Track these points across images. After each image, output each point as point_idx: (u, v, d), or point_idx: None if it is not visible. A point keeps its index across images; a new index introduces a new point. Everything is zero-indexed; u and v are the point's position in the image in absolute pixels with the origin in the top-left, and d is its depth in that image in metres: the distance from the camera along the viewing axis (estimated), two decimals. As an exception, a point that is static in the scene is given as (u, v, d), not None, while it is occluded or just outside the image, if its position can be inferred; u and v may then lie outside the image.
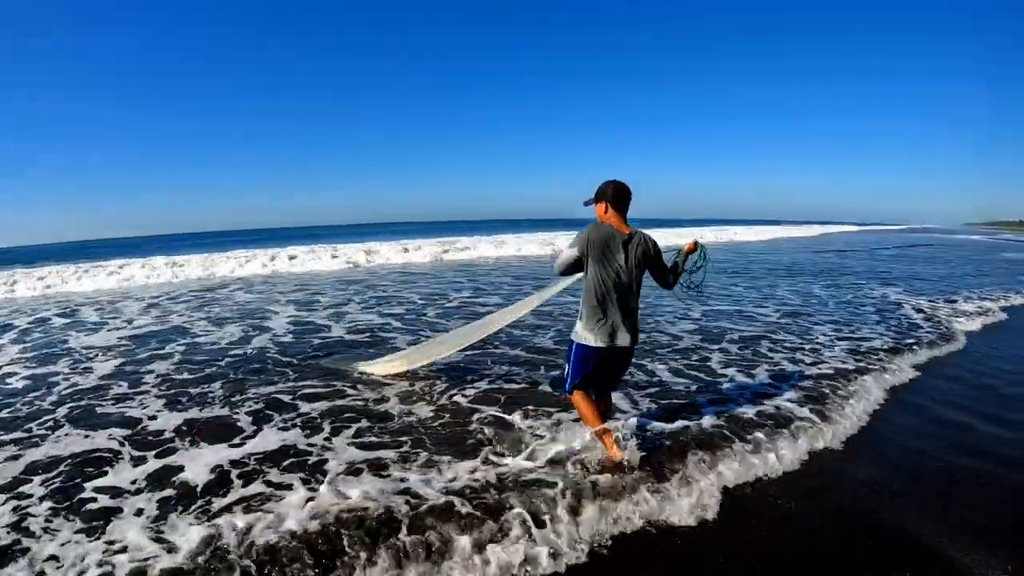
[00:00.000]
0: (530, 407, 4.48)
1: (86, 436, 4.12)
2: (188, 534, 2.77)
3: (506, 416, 4.33)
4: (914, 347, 6.61)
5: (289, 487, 3.26)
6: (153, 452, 3.84)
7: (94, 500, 3.20)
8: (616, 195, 3.27)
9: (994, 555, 2.72)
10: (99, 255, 26.62)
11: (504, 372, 5.54)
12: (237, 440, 4.00)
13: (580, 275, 3.45)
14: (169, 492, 3.27)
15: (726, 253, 22.28)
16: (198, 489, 3.30)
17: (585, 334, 3.30)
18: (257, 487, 3.29)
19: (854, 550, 2.78)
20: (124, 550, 2.70)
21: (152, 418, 4.46)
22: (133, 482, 3.40)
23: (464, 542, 2.68)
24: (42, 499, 3.20)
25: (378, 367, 5.43)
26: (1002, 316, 9.08)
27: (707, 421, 4.15)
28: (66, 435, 4.15)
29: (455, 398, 4.77)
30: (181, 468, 3.58)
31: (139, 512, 3.04)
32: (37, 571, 2.58)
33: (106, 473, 3.54)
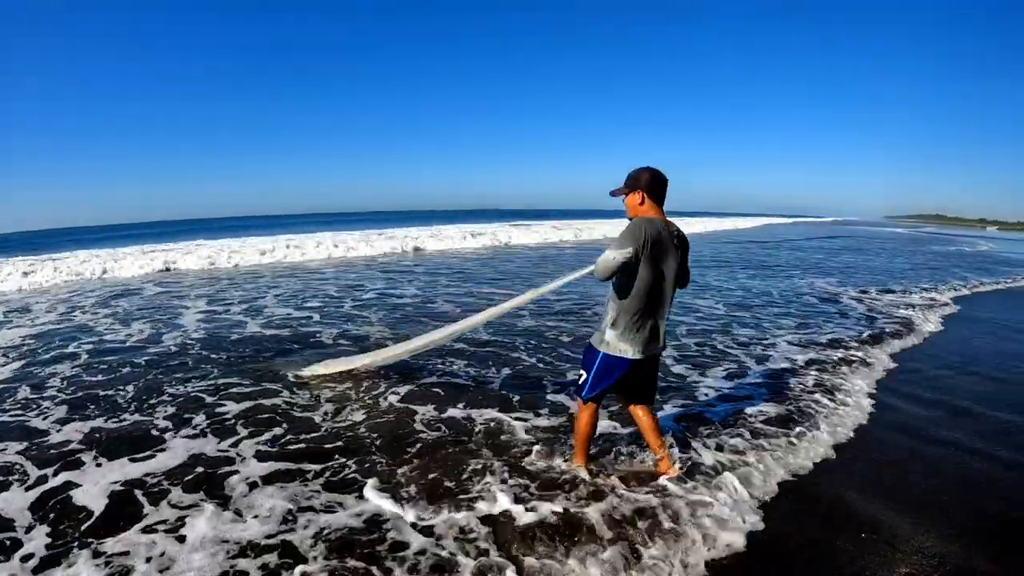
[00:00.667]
0: (474, 411, 4.30)
1: (-22, 452, 3.67)
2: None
3: (454, 418, 4.15)
4: (881, 340, 6.66)
5: (195, 508, 2.99)
6: (52, 469, 3.45)
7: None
8: (653, 183, 2.86)
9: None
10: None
11: (449, 369, 5.35)
12: (147, 452, 3.66)
13: (577, 274, 3.20)
14: (64, 524, 2.91)
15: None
16: (95, 517, 2.96)
17: (620, 345, 2.90)
18: (161, 512, 2.98)
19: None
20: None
21: (57, 428, 4.04)
22: (22, 511, 3.01)
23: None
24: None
25: (326, 367, 5.12)
26: (955, 308, 9.38)
27: (681, 428, 4.00)
28: (-45, 451, 3.69)
29: (392, 399, 4.54)
30: (81, 490, 3.21)
31: (27, 557, 2.64)
32: None
33: (-3, 495, 3.15)
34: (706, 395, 4.70)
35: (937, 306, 9.27)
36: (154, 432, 3.95)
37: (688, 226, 39.33)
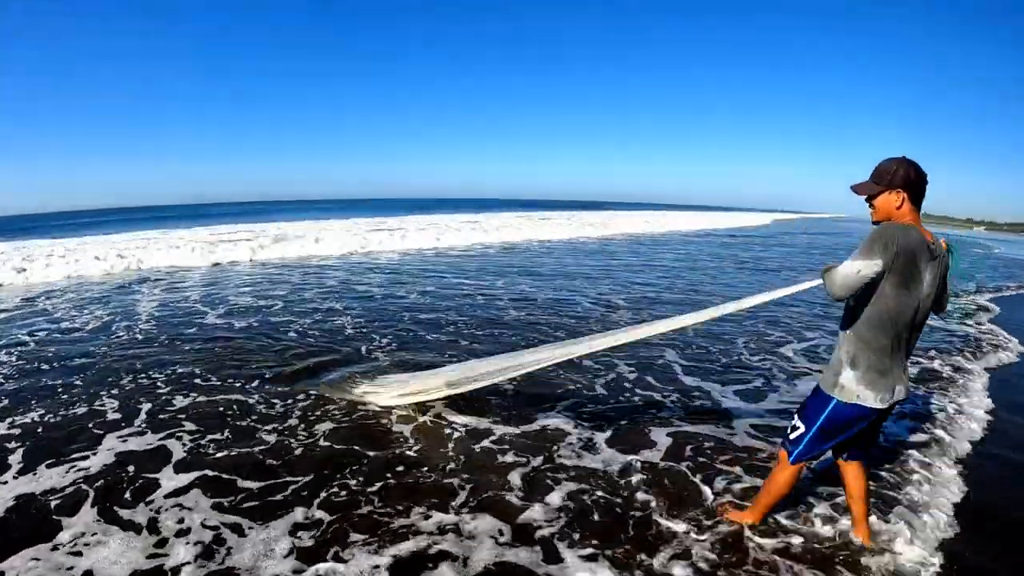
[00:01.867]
0: (472, 420, 3.74)
1: None
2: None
3: (439, 432, 3.60)
4: (969, 352, 5.89)
5: (103, 527, 2.58)
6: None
7: None
8: (917, 181, 2.20)
9: None
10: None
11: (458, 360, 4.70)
12: (76, 454, 3.25)
13: (792, 288, 2.62)
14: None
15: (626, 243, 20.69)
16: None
17: (860, 389, 2.23)
18: (67, 533, 2.54)
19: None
20: None
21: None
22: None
23: None
24: None
25: (384, 394, 4.05)
26: (997, 309, 8.79)
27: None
28: None
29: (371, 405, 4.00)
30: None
31: None
32: None
33: None
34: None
35: (985, 310, 8.60)
36: (94, 428, 3.59)
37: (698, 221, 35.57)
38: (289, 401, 4.05)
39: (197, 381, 4.42)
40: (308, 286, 9.00)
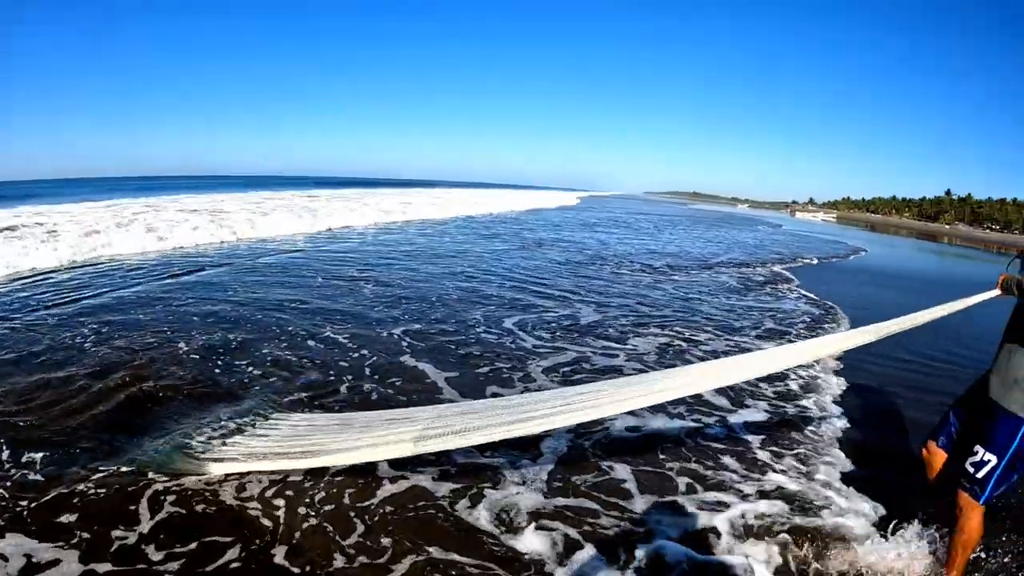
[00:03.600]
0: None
1: None
2: None
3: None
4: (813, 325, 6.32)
5: None
6: None
7: None
8: None
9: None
10: None
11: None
12: None
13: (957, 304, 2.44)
14: None
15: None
16: None
17: None
18: None
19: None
20: None
21: None
22: None
23: None
24: None
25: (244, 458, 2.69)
26: (795, 280, 9.63)
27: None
28: None
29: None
30: None
31: None
32: None
33: None
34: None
35: (787, 282, 9.32)
36: None
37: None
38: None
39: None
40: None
